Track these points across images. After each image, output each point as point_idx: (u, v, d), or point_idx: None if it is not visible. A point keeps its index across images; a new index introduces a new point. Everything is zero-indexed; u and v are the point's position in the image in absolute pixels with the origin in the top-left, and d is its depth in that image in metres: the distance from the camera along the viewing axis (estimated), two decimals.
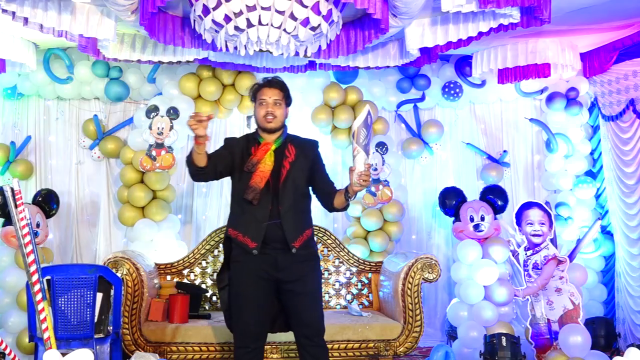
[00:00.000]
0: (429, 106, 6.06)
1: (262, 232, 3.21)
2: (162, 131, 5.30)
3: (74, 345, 3.57)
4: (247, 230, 3.25)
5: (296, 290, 3.26)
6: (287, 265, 3.23)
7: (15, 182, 2.47)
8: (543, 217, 4.81)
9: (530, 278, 4.73)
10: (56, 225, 5.65)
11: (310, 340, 3.28)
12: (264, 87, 3.38)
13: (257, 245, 3.21)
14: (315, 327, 3.30)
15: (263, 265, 3.23)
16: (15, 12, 3.72)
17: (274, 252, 3.23)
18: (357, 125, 3.04)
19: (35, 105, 5.80)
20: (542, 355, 4.53)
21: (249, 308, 3.26)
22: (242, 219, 3.29)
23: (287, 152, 3.32)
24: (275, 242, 3.23)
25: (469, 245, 4.75)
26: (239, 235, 3.27)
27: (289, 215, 3.24)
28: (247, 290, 3.27)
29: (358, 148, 3.03)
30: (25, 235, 2.43)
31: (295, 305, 3.29)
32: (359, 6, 3.47)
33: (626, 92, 5.15)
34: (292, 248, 3.22)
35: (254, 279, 3.25)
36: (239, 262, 3.31)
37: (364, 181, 3.04)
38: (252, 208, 3.23)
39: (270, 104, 3.32)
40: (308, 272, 3.30)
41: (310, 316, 3.29)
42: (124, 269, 4.16)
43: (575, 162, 5.79)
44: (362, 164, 3.03)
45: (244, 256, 3.28)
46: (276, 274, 3.24)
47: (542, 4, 3.61)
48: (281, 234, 3.22)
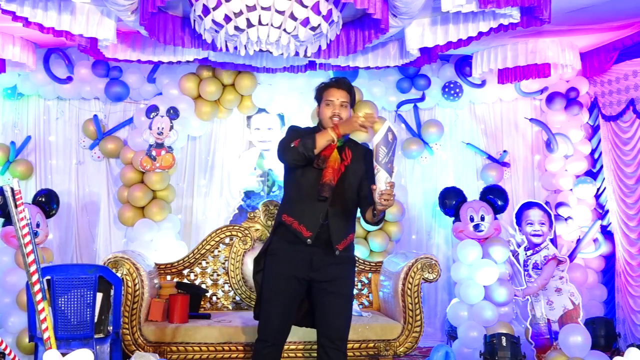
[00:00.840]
0: (429, 106, 6.05)
1: (318, 225, 3.15)
2: (162, 131, 5.30)
3: (74, 345, 3.57)
4: (303, 219, 3.19)
5: (328, 290, 3.22)
6: (323, 265, 3.19)
7: (15, 182, 2.47)
8: (543, 217, 4.81)
9: (530, 278, 4.73)
10: (56, 225, 5.65)
11: (332, 342, 3.23)
12: (331, 87, 3.30)
13: (312, 234, 3.15)
14: (340, 330, 3.25)
15: (299, 263, 3.19)
16: (15, 12, 3.72)
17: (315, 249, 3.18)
18: (376, 142, 2.95)
19: (35, 105, 5.80)
20: (542, 355, 4.53)
21: (275, 305, 3.24)
22: (299, 208, 3.21)
23: (344, 154, 3.26)
24: (319, 240, 3.18)
25: (469, 245, 4.75)
26: (295, 223, 3.20)
27: (337, 218, 3.20)
28: (277, 287, 3.24)
29: (378, 166, 2.94)
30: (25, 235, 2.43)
31: (325, 304, 3.24)
32: (359, 6, 3.47)
33: (626, 92, 5.15)
34: (336, 250, 3.18)
35: (287, 276, 3.21)
36: (276, 256, 3.26)
37: (386, 200, 2.96)
38: (312, 199, 3.16)
39: (337, 105, 3.25)
40: (344, 274, 3.26)
41: (336, 318, 3.24)
42: (124, 269, 4.16)
43: (575, 162, 5.79)
44: (382, 182, 2.94)
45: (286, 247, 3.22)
46: (310, 273, 3.21)
47: (542, 4, 3.61)
48: (328, 234, 3.18)
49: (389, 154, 2.95)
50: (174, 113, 5.36)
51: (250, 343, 4.15)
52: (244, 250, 4.82)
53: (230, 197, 5.90)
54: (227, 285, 4.81)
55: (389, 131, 2.96)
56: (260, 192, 5.95)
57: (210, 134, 5.90)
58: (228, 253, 4.83)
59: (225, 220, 5.79)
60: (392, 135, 2.97)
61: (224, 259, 4.85)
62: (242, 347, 4.17)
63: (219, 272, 4.84)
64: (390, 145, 2.96)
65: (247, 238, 4.82)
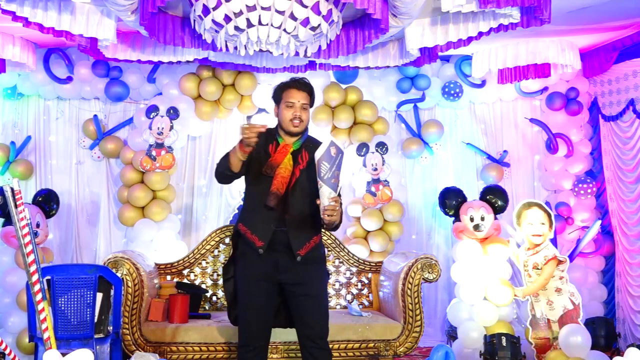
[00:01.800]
0: (429, 106, 6.05)
1: (270, 234, 3.17)
2: (162, 131, 5.30)
3: (74, 345, 3.57)
4: (256, 229, 3.20)
5: (298, 292, 3.24)
6: (289, 267, 3.21)
7: (15, 182, 2.47)
8: (543, 217, 4.80)
9: (530, 278, 4.72)
10: (56, 225, 5.65)
11: (313, 342, 3.25)
12: (292, 88, 3.25)
13: (263, 244, 3.17)
14: (318, 329, 3.27)
15: (265, 266, 3.21)
16: (15, 12, 3.72)
17: (278, 255, 3.20)
18: (317, 158, 2.92)
19: (35, 105, 5.80)
20: (542, 355, 4.53)
21: (251, 309, 3.26)
22: (253, 217, 3.24)
23: (300, 158, 3.22)
24: (280, 245, 3.19)
25: (469, 245, 4.75)
26: (248, 232, 3.23)
27: (295, 224, 3.19)
28: (250, 291, 3.26)
29: (320, 182, 2.93)
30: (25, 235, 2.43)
31: (298, 307, 3.27)
32: (359, 6, 3.47)
33: (626, 92, 5.15)
34: (297, 256, 3.18)
35: (257, 280, 3.23)
36: (244, 261, 3.29)
37: (329, 216, 2.97)
38: (263, 208, 3.17)
39: (299, 107, 3.21)
40: (311, 275, 3.27)
41: (312, 319, 3.26)
42: (124, 269, 4.16)
43: (575, 162, 5.79)
44: (325, 198, 2.94)
45: (249, 254, 3.25)
46: (278, 275, 3.22)
47: (542, 4, 3.61)
48: (287, 240, 3.18)
49: (332, 169, 2.93)
50: (174, 113, 5.36)
51: None
52: None
53: (230, 197, 5.90)
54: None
55: (331, 146, 2.92)
56: None
57: (210, 134, 5.90)
58: (228, 253, 4.84)
59: (225, 220, 5.79)
60: (336, 149, 2.94)
61: (224, 259, 4.85)
62: None
63: (219, 272, 4.84)
64: (334, 160, 2.93)
65: None
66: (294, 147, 3.23)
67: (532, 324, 4.66)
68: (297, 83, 3.27)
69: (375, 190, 5.45)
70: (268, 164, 3.18)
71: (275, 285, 3.26)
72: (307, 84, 3.30)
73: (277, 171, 3.16)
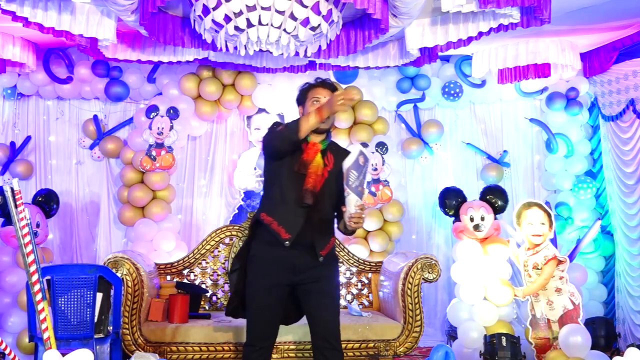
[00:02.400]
0: (429, 106, 6.06)
1: (299, 227, 3.10)
2: (162, 131, 5.30)
3: (74, 345, 3.57)
4: (283, 221, 3.12)
5: (314, 290, 3.19)
6: (306, 269, 3.16)
7: (15, 182, 2.47)
8: (543, 217, 4.80)
9: (530, 278, 4.72)
10: (56, 225, 5.65)
11: (327, 342, 3.19)
12: (317, 86, 3.24)
13: (290, 237, 3.10)
14: (333, 329, 3.22)
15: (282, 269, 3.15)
16: (15, 12, 3.72)
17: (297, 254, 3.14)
18: (347, 166, 2.93)
19: (35, 105, 5.80)
20: (542, 355, 4.53)
21: (260, 309, 3.20)
22: (281, 209, 3.15)
23: (326, 159, 3.19)
24: (303, 243, 3.13)
25: (469, 245, 4.75)
26: (274, 223, 3.14)
27: (319, 224, 3.17)
28: (260, 293, 3.20)
29: (348, 190, 2.93)
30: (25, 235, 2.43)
31: (313, 305, 3.22)
32: (359, 6, 3.47)
33: (626, 92, 5.15)
34: (320, 257, 3.15)
35: (269, 282, 3.17)
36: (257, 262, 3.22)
37: (355, 223, 2.97)
38: (293, 200, 3.11)
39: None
40: (327, 275, 3.24)
41: (328, 318, 3.22)
42: (124, 269, 4.15)
43: (575, 162, 5.79)
44: (352, 205, 2.94)
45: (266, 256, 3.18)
46: (294, 277, 3.17)
47: (542, 4, 3.61)
48: (311, 239, 3.14)
49: (360, 177, 2.94)
50: (174, 113, 5.36)
51: None
52: None
53: (230, 197, 5.91)
54: (227, 285, 4.81)
55: (360, 155, 2.94)
56: (260, 192, 5.95)
57: (210, 134, 5.90)
58: (228, 253, 4.84)
59: (225, 220, 5.79)
60: (364, 158, 2.96)
61: (224, 259, 4.85)
62: (241, 347, 4.16)
63: (219, 272, 4.84)
64: (362, 168, 2.95)
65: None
66: (322, 147, 3.20)
67: (532, 324, 4.66)
68: (322, 82, 3.28)
69: (375, 190, 5.45)
70: (301, 161, 3.13)
71: (288, 287, 3.21)
72: (331, 83, 3.30)
73: (310, 169, 3.13)
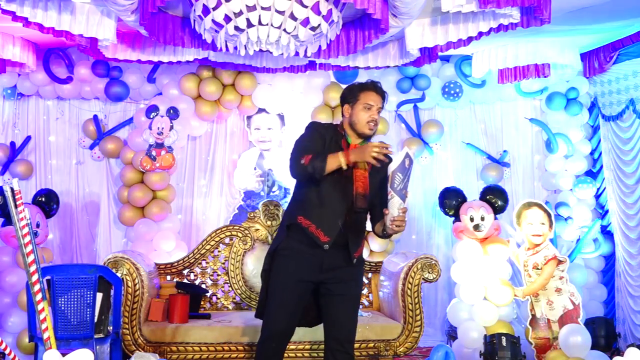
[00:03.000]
0: (429, 106, 6.05)
1: (337, 231, 3.07)
2: (162, 131, 5.30)
3: (74, 345, 3.57)
4: (322, 224, 3.08)
5: (336, 291, 3.15)
6: (333, 268, 3.13)
7: (15, 182, 2.47)
8: (543, 217, 4.81)
9: (530, 278, 4.72)
10: (56, 225, 5.65)
11: (340, 345, 3.16)
12: (371, 90, 3.15)
13: (329, 240, 3.06)
14: (348, 333, 3.20)
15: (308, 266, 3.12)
16: (15, 12, 3.72)
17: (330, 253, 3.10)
18: (392, 169, 2.88)
19: (35, 105, 5.80)
20: (542, 355, 4.53)
21: (281, 306, 3.16)
22: (318, 212, 3.10)
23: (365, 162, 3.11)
24: (338, 245, 3.11)
25: (469, 245, 4.75)
26: (312, 227, 3.09)
27: (354, 227, 3.14)
28: (284, 289, 3.16)
29: (392, 192, 2.89)
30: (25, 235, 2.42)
31: (333, 306, 3.18)
32: (359, 6, 3.47)
33: (626, 92, 5.15)
34: (353, 259, 3.13)
35: (295, 279, 3.14)
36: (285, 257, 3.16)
37: (397, 226, 2.92)
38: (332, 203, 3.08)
39: (375, 110, 3.13)
40: (354, 276, 3.21)
41: (345, 321, 3.18)
42: (124, 269, 4.15)
43: (575, 162, 5.79)
44: (395, 208, 2.89)
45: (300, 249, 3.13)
46: (320, 275, 3.14)
47: (542, 4, 3.61)
48: (344, 241, 3.11)
49: (405, 180, 2.91)
50: (174, 113, 5.36)
51: (250, 343, 4.15)
52: (244, 250, 4.82)
53: (230, 197, 5.91)
54: (227, 285, 4.81)
55: (406, 157, 2.90)
56: (260, 192, 5.95)
57: (210, 134, 5.90)
58: (228, 253, 4.84)
59: (225, 220, 5.79)
60: (410, 161, 2.92)
61: (224, 259, 4.85)
62: (242, 347, 4.17)
63: (219, 272, 4.84)
64: (407, 171, 2.91)
65: (247, 238, 4.82)
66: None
67: (532, 324, 4.66)
68: (376, 87, 3.19)
69: None
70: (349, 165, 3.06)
71: (311, 285, 3.17)
72: (383, 89, 3.22)
73: (356, 172, 3.09)
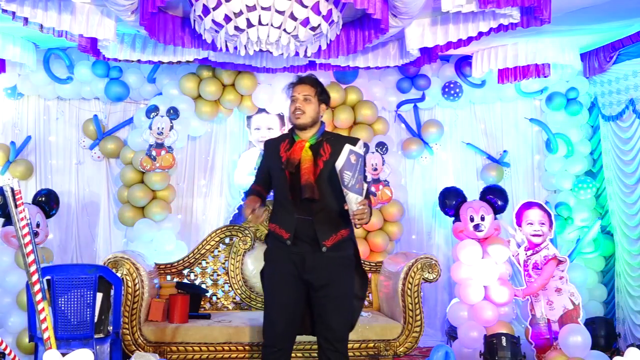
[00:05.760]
0: (429, 106, 6.05)
1: (294, 224, 3.20)
2: (162, 131, 5.30)
3: (74, 345, 3.57)
4: (282, 223, 3.26)
5: (323, 294, 3.22)
6: (316, 266, 3.19)
7: (15, 182, 2.47)
8: (543, 217, 4.81)
9: (530, 278, 4.72)
10: (56, 225, 5.65)
11: (330, 344, 3.22)
12: (295, 84, 3.34)
13: (290, 235, 3.20)
14: (337, 332, 3.24)
15: (292, 263, 3.21)
16: (15, 12, 3.72)
17: (304, 248, 3.20)
18: (339, 168, 2.96)
19: (35, 105, 5.80)
20: (542, 355, 4.53)
21: (276, 308, 3.24)
22: (277, 212, 3.33)
23: (322, 150, 3.25)
24: (306, 237, 3.20)
25: (469, 245, 4.75)
26: (276, 228, 3.28)
27: (322, 214, 3.20)
28: (277, 290, 3.25)
29: (345, 190, 2.97)
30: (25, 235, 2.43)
31: (319, 307, 3.24)
32: (359, 6, 3.47)
33: (626, 92, 5.15)
34: (323, 247, 3.18)
35: (284, 278, 3.23)
36: (271, 261, 3.33)
37: (360, 219, 3.00)
38: (284, 201, 3.25)
39: (300, 99, 3.26)
40: (337, 277, 3.24)
41: (332, 320, 3.23)
42: (124, 269, 4.16)
43: (575, 162, 5.79)
44: (353, 204, 2.98)
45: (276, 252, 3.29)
46: (305, 274, 3.20)
47: (542, 4, 3.61)
48: (312, 231, 3.19)
49: (355, 175, 2.96)
50: (174, 113, 5.36)
51: (250, 343, 4.15)
52: (244, 250, 4.83)
53: (230, 197, 5.91)
54: (227, 285, 4.81)
55: (350, 154, 2.96)
56: None
57: (210, 134, 5.90)
58: (228, 253, 4.84)
59: (225, 220, 5.79)
60: (356, 155, 2.98)
61: (224, 259, 4.85)
62: (242, 347, 4.17)
63: (219, 272, 4.84)
64: (355, 166, 2.97)
65: (247, 238, 4.83)
66: (310, 142, 3.26)
67: (532, 324, 4.66)
68: (298, 78, 3.37)
69: (375, 190, 5.45)
70: (287, 161, 3.23)
71: (302, 285, 3.23)
72: (310, 78, 3.36)
73: (301, 166, 3.20)
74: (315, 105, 3.29)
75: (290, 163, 3.22)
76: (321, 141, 3.28)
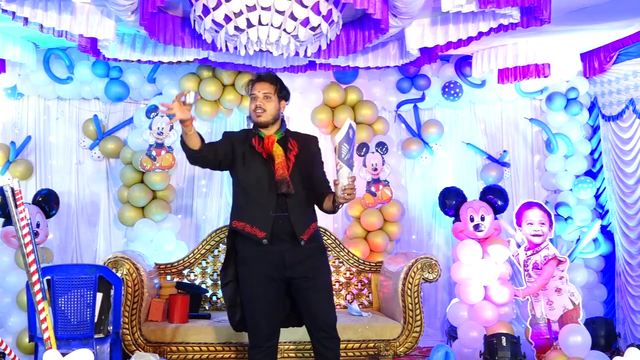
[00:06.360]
0: (429, 106, 6.05)
1: (271, 222, 3.19)
2: (162, 131, 5.30)
3: (74, 345, 3.58)
4: (254, 221, 3.21)
5: (305, 286, 3.25)
6: (296, 261, 3.22)
7: (15, 182, 2.47)
8: (543, 217, 4.81)
9: (530, 278, 4.73)
10: (56, 225, 5.64)
11: (324, 332, 3.28)
12: (254, 82, 3.38)
13: (266, 234, 3.18)
14: (327, 319, 3.30)
15: (271, 264, 3.22)
16: (15, 12, 3.72)
17: (282, 247, 3.21)
18: (338, 140, 3.03)
19: (35, 105, 5.80)
20: (542, 355, 4.53)
21: (259, 309, 3.25)
22: (248, 210, 3.26)
23: (290, 145, 3.31)
24: (283, 234, 3.21)
25: (469, 245, 4.76)
26: (247, 227, 3.23)
27: (296, 209, 3.23)
28: (257, 292, 3.25)
29: (340, 163, 3.03)
30: (25, 235, 2.43)
31: (307, 300, 3.28)
32: (359, 6, 3.47)
33: (626, 92, 5.15)
34: (301, 241, 3.21)
35: (263, 279, 3.23)
36: (247, 264, 3.29)
37: (348, 195, 3.05)
38: (259, 198, 3.22)
39: (260, 97, 3.30)
40: (317, 267, 3.30)
41: (321, 310, 3.29)
42: (124, 269, 4.16)
43: (575, 162, 5.79)
44: (345, 178, 3.04)
45: (252, 253, 3.25)
46: (285, 272, 3.23)
47: (542, 4, 3.61)
48: (289, 227, 3.21)
49: (350, 149, 3.05)
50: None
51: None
52: None
53: (230, 197, 5.89)
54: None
55: (350, 128, 3.04)
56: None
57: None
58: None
59: (225, 220, 5.78)
60: (352, 131, 3.07)
61: (224, 258, 4.84)
62: (242, 347, 4.17)
63: (219, 272, 4.83)
64: (351, 141, 3.06)
65: None
66: (277, 137, 3.32)
67: (532, 324, 4.66)
68: (258, 76, 3.40)
69: (375, 190, 5.45)
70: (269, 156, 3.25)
71: (281, 282, 3.26)
72: (269, 75, 3.40)
73: (275, 162, 3.24)
74: (276, 103, 3.35)
75: (271, 158, 3.23)
76: (286, 136, 3.34)
